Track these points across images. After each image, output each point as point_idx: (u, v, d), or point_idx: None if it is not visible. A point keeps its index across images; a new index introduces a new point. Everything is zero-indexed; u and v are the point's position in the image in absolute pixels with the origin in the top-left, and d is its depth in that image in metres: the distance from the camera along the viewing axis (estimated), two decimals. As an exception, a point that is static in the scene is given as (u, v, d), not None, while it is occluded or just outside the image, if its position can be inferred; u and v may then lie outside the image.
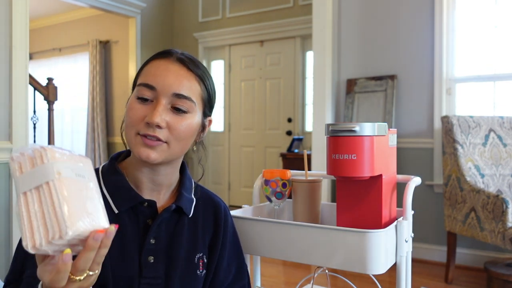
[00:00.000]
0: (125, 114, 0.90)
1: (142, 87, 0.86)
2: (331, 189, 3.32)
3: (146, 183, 0.91)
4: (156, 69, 0.87)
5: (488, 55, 3.10)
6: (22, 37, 2.10)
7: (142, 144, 0.85)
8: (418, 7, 3.20)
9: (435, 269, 2.97)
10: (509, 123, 2.83)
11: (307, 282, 1.34)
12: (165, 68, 0.87)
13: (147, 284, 0.86)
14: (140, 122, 0.85)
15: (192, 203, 0.96)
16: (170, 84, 0.86)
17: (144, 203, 0.89)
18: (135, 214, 0.89)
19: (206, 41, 5.42)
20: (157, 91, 0.85)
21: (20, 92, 2.08)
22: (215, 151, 5.45)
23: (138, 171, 0.91)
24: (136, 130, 0.85)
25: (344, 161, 0.93)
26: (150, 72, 0.87)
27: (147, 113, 0.85)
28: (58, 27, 6.47)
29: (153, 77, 0.86)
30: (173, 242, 0.91)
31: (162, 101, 0.85)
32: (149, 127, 0.84)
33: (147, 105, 0.86)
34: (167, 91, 0.85)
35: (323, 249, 0.94)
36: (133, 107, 0.86)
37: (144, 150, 0.85)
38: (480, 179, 2.66)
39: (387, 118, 3.21)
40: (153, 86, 0.85)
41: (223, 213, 1.01)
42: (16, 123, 2.07)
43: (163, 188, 0.94)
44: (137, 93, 0.87)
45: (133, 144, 0.86)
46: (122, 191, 0.88)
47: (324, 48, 3.35)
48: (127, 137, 0.87)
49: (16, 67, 2.06)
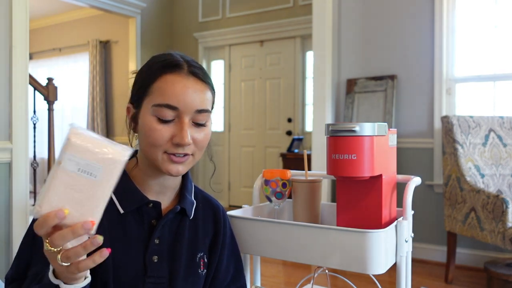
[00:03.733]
0: (143, 132, 0.87)
1: (162, 108, 0.85)
2: (331, 189, 3.32)
3: (154, 186, 0.93)
4: (173, 87, 0.85)
5: (488, 55, 3.10)
6: (22, 37, 2.10)
7: (170, 161, 0.87)
8: (418, 7, 3.20)
9: (435, 269, 2.97)
10: (509, 123, 2.83)
11: (307, 282, 1.34)
12: (183, 85, 0.86)
13: (152, 283, 0.88)
14: (167, 142, 0.85)
15: (193, 205, 0.98)
16: (192, 102, 0.86)
17: (149, 204, 0.91)
18: (140, 214, 0.90)
19: (206, 41, 5.42)
20: (180, 111, 0.85)
21: (20, 92, 2.08)
22: (215, 151, 5.41)
23: (148, 177, 0.92)
24: (164, 149, 0.86)
25: (344, 161, 0.93)
26: (168, 92, 0.85)
27: (172, 133, 0.85)
28: (58, 27, 6.47)
29: (173, 97, 0.85)
30: (176, 242, 0.93)
31: (186, 119, 0.86)
32: (178, 147, 0.86)
33: (169, 124, 0.86)
34: (189, 109, 0.86)
35: (323, 249, 0.94)
36: (156, 128, 0.85)
37: (173, 166, 0.87)
38: (480, 179, 2.66)
39: (387, 118, 3.21)
40: (175, 107, 0.85)
41: (222, 216, 1.03)
42: (16, 123, 2.07)
43: (169, 191, 0.95)
44: (157, 114, 0.85)
45: (159, 162, 0.87)
46: (129, 193, 0.90)
47: (324, 48, 3.35)
48: (152, 155, 0.87)
49: (16, 67, 2.06)
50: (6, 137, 2.06)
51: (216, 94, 0.94)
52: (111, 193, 0.67)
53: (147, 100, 0.87)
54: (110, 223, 0.86)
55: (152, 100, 0.86)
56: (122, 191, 0.89)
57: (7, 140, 2.06)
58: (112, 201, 0.88)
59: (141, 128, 0.88)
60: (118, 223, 0.88)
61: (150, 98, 0.86)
